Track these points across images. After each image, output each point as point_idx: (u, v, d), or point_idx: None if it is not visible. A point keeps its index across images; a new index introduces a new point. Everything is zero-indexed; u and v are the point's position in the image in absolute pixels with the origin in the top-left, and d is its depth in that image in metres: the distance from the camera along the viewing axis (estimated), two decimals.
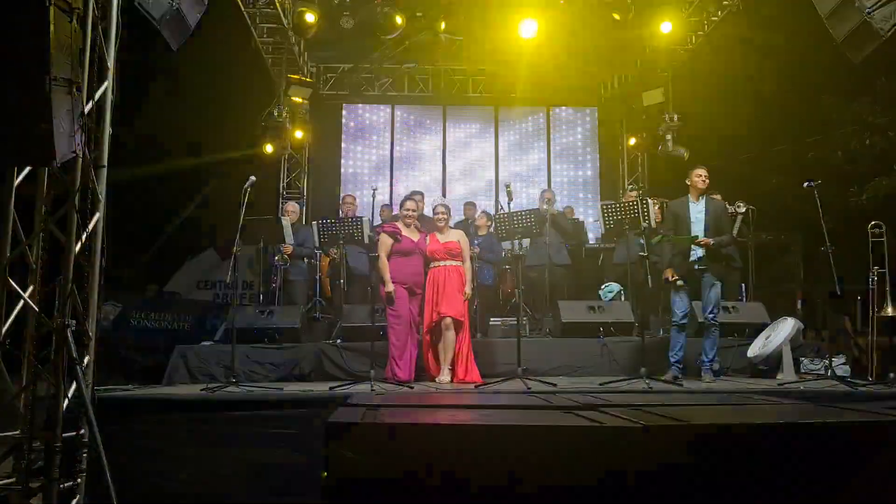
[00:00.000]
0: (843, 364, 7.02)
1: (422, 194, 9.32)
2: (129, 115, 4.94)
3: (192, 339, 10.32)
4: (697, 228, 6.64)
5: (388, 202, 11.83)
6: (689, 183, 6.80)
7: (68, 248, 4.40)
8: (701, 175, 6.75)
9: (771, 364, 7.07)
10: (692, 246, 6.63)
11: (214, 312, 14.70)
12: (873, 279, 6.66)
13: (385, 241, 6.90)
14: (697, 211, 6.70)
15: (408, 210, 7.13)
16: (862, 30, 6.71)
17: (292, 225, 8.58)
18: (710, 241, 6.57)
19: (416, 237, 7.04)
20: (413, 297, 6.93)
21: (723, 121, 12.92)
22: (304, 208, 11.85)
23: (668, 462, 2.91)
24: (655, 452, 2.92)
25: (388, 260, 6.87)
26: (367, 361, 6.77)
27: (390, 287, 6.75)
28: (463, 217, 10.16)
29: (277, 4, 10.42)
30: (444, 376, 6.65)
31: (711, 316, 6.64)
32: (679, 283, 6.67)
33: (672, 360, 6.70)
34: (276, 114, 11.21)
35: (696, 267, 6.64)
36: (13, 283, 4.45)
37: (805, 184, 6.75)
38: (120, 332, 10.47)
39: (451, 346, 6.69)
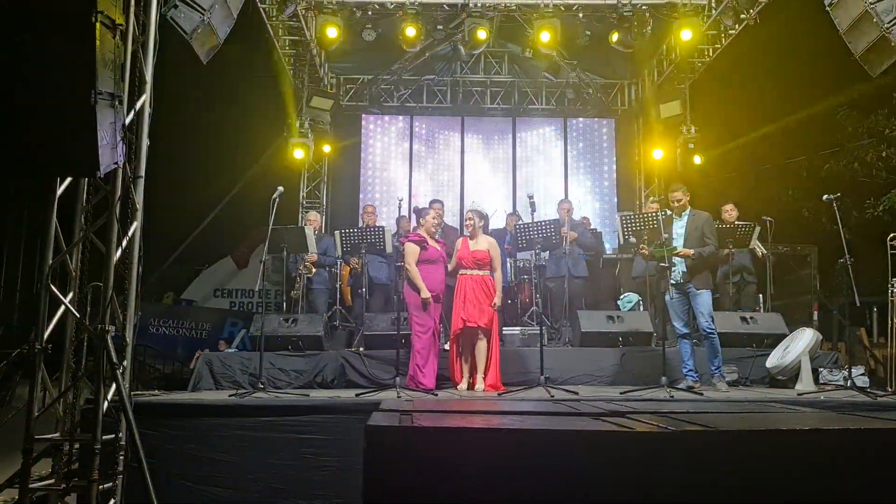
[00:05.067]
0: (862, 375, 7.05)
1: (441, 203, 9.42)
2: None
3: (209, 347, 10.40)
4: (677, 244, 6.70)
5: (405, 213, 11.89)
6: None
7: (108, 256, 4.52)
8: (673, 196, 6.90)
9: (789, 374, 7.10)
10: (675, 260, 6.65)
11: (231, 320, 14.90)
12: (893, 290, 6.69)
13: (413, 250, 6.90)
14: (679, 226, 6.79)
15: (431, 219, 7.24)
16: (880, 44, 6.82)
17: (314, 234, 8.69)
18: (691, 251, 6.59)
19: (438, 246, 7.13)
20: (436, 305, 6.98)
21: (739, 133, 13.03)
22: (324, 218, 11.96)
23: (698, 466, 2.99)
24: (685, 457, 3.01)
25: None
26: (389, 369, 6.86)
27: (427, 294, 6.74)
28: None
29: (300, 17, 10.55)
30: (465, 384, 6.72)
31: (705, 324, 6.62)
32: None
33: (683, 370, 6.76)
34: (298, 124, 11.34)
35: (680, 280, 6.68)
36: (55, 290, 4.57)
37: (825, 197, 6.81)
38: (139, 340, 10.62)
39: (482, 355, 6.72)
